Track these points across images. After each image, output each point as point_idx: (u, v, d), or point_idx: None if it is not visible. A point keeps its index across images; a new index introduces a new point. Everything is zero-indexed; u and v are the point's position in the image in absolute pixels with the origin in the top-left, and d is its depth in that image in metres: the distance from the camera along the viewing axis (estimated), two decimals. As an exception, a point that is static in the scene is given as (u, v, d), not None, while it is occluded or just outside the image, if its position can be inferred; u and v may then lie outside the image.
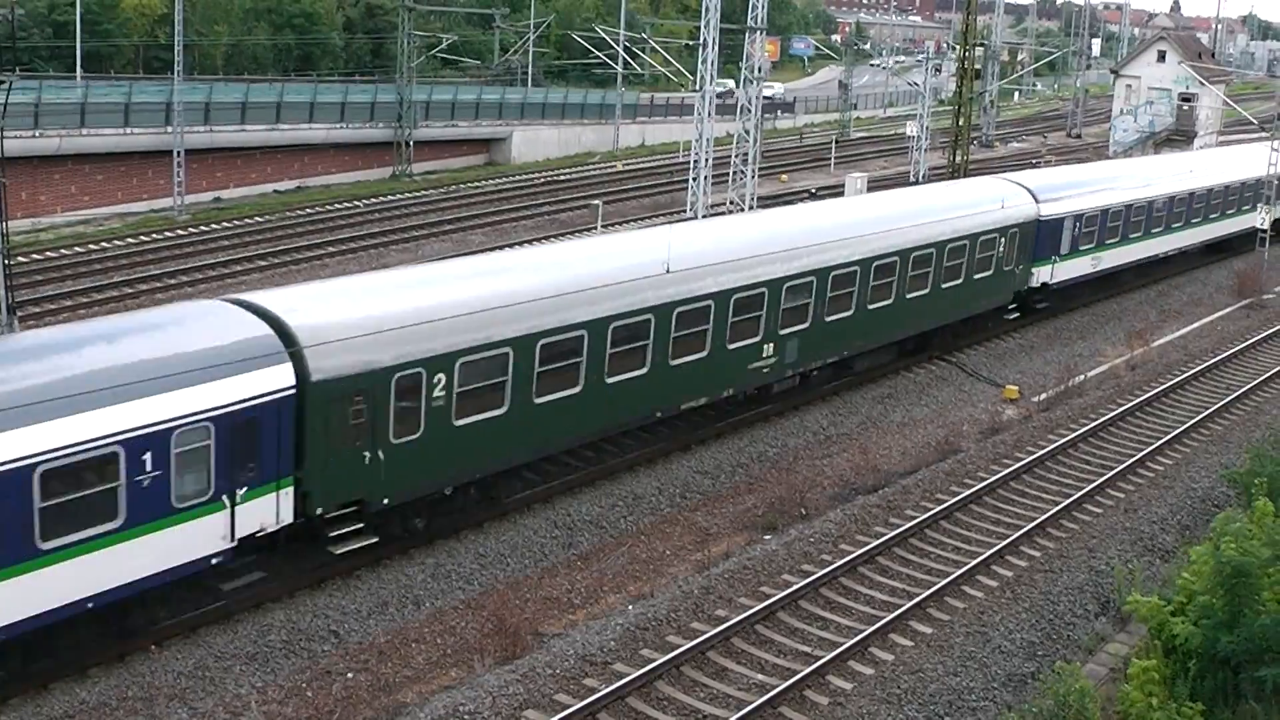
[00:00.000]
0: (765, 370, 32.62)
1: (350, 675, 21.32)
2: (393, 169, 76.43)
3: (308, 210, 63.44)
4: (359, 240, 56.03)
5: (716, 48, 55.18)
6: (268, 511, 21.99)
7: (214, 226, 58.26)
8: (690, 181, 56.44)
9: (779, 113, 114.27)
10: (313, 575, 23.78)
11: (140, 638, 21.12)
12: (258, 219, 60.66)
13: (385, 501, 24.07)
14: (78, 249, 52.53)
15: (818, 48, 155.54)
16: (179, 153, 59.86)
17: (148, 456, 19.83)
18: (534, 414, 26.34)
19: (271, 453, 21.76)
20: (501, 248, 53.04)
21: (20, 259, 49.22)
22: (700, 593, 23.87)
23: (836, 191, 67.49)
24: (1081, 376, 39.24)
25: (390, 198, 67.83)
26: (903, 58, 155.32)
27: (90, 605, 19.68)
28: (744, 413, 33.28)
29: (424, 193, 70.09)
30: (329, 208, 64.43)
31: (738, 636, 22.30)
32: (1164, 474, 31.38)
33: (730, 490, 30.01)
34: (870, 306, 35.69)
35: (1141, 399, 36.56)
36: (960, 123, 70.59)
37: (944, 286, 38.70)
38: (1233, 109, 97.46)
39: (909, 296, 37.24)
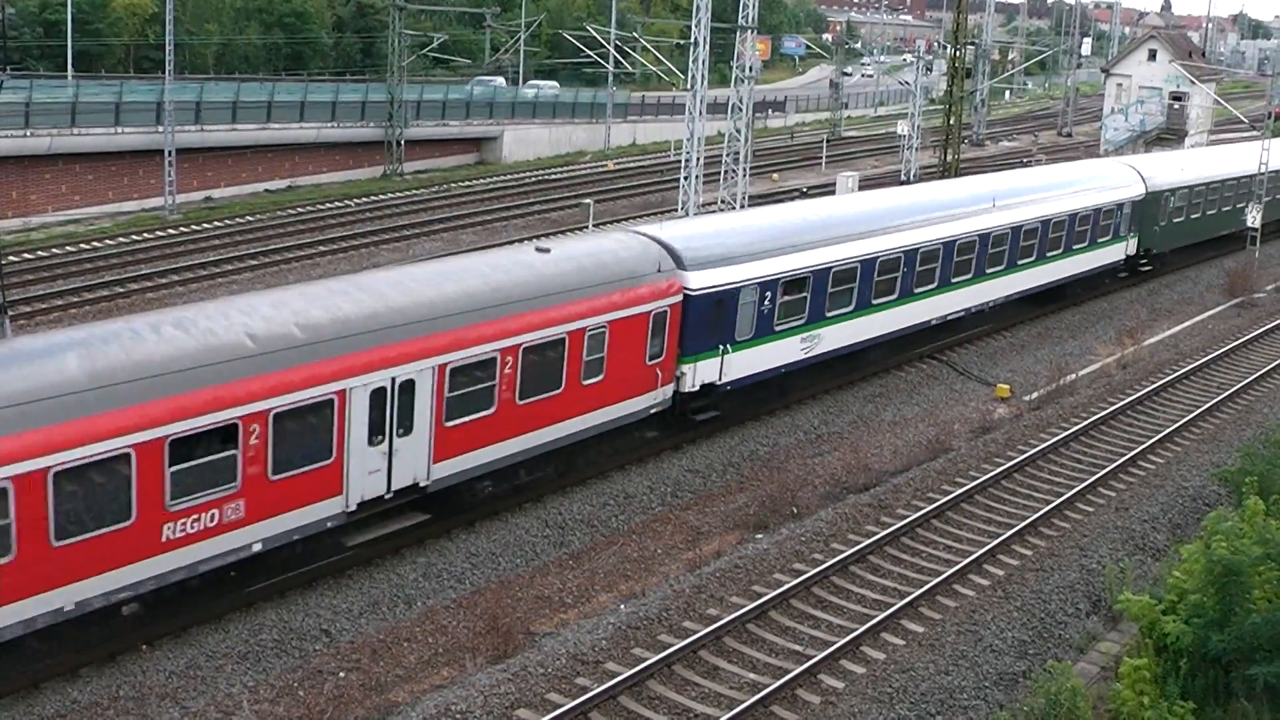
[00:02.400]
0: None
1: (342, 674, 21.31)
2: (384, 168, 76.37)
3: (299, 210, 63.39)
4: (350, 240, 55.99)
5: (707, 47, 55.13)
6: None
7: (205, 226, 58.19)
8: (681, 180, 56.39)
9: (770, 112, 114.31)
10: (314, 571, 23.79)
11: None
12: (249, 218, 60.61)
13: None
14: (68, 248, 52.45)
15: (809, 47, 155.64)
16: (170, 152, 59.78)
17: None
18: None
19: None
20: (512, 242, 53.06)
21: (10, 258, 49.24)
22: (692, 591, 23.88)
23: (828, 190, 67.48)
24: (1072, 375, 39.30)
25: (381, 197, 67.80)
26: (877, 58, 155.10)
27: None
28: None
29: (415, 192, 70.06)
30: (320, 207, 64.39)
31: (729, 635, 22.32)
32: (1155, 473, 31.43)
33: (722, 489, 30.03)
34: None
35: (1132, 398, 36.61)
36: (951, 121, 70.67)
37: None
38: (1223, 108, 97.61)
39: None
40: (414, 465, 24.61)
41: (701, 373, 31.16)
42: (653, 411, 30.12)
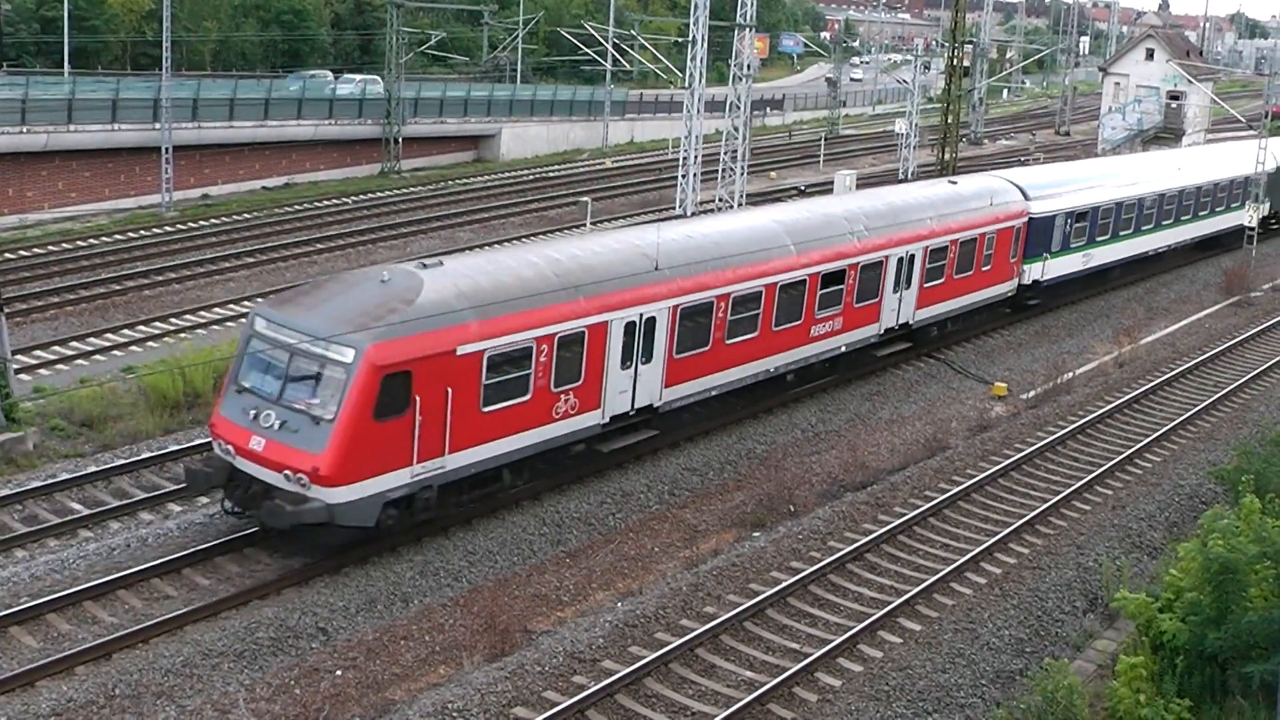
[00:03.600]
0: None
1: (339, 673, 21.28)
2: (381, 166, 76.33)
3: (296, 207, 63.33)
4: (348, 237, 55.95)
5: (705, 45, 55.14)
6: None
7: (202, 223, 58.13)
8: (679, 178, 56.38)
9: (768, 110, 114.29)
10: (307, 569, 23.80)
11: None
12: (246, 216, 60.54)
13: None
14: (65, 246, 52.36)
15: (807, 45, 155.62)
16: (167, 149, 59.69)
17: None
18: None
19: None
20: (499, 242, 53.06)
21: (7, 256, 49.22)
22: (689, 590, 23.88)
23: (826, 189, 67.42)
24: (1069, 374, 39.31)
25: (379, 194, 67.75)
26: (875, 56, 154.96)
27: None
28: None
29: (412, 189, 70.03)
30: (317, 204, 64.36)
31: (726, 633, 22.33)
32: (1152, 471, 31.46)
33: (719, 487, 30.01)
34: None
35: (1129, 396, 36.64)
36: (949, 120, 70.66)
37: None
38: (1220, 107, 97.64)
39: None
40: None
41: (1032, 272, 44.63)
42: (1007, 295, 43.84)
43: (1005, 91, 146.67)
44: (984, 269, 41.50)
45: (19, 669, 20.20)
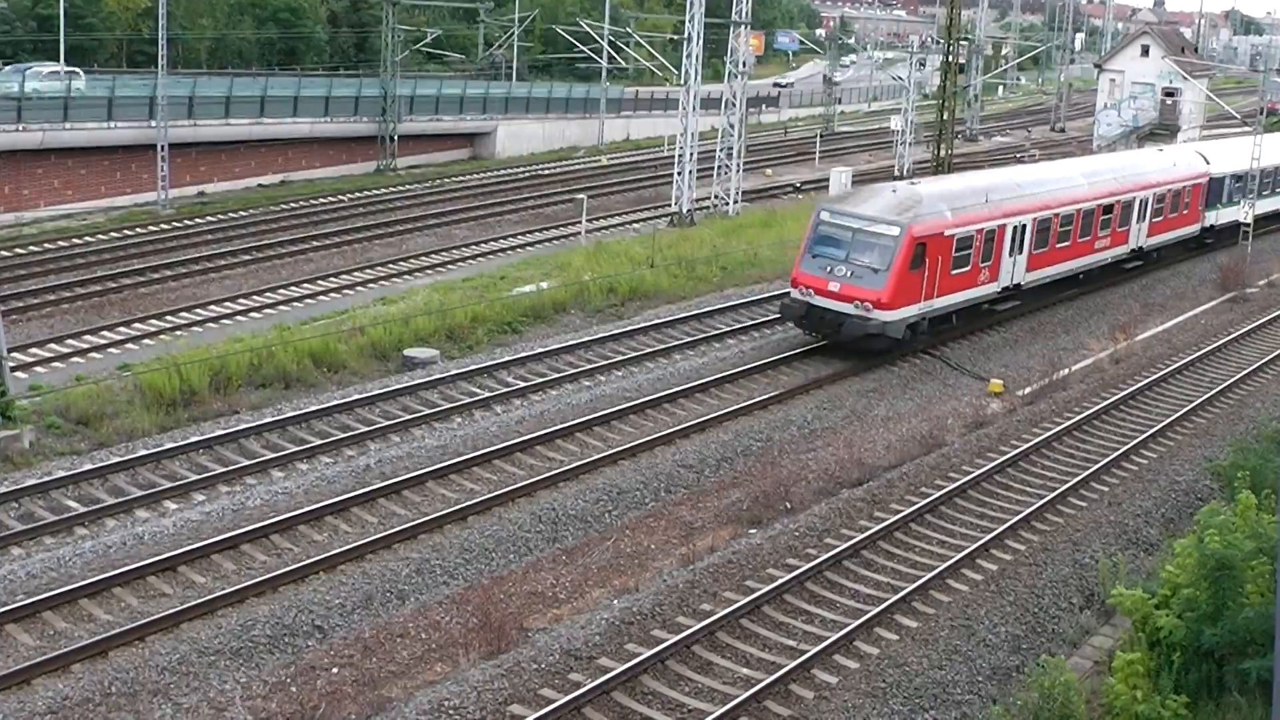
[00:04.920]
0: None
1: (335, 670, 21.28)
2: (377, 163, 76.31)
3: (292, 205, 63.36)
4: (343, 235, 55.96)
5: (701, 42, 55.18)
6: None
7: (198, 221, 58.14)
8: (675, 176, 56.42)
9: (764, 107, 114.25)
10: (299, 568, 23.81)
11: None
12: (242, 213, 60.53)
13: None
14: (61, 244, 52.36)
15: (802, 42, 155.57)
16: (163, 147, 59.73)
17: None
18: None
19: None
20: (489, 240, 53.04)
21: (3, 254, 49.21)
22: (685, 587, 23.87)
23: (822, 186, 67.50)
24: (1065, 370, 39.29)
25: (374, 192, 67.74)
26: (853, 55, 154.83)
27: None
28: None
29: (408, 187, 70.02)
30: (313, 202, 64.38)
31: (723, 630, 22.31)
32: (1148, 467, 31.47)
33: (714, 484, 29.97)
34: None
35: (1125, 392, 36.64)
36: (944, 117, 70.65)
37: None
38: (1216, 104, 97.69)
39: None
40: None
41: (1207, 218, 57.50)
42: (1184, 238, 56.29)
43: (1000, 88, 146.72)
44: (1184, 213, 55.14)
45: (15, 667, 20.19)
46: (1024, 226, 42.43)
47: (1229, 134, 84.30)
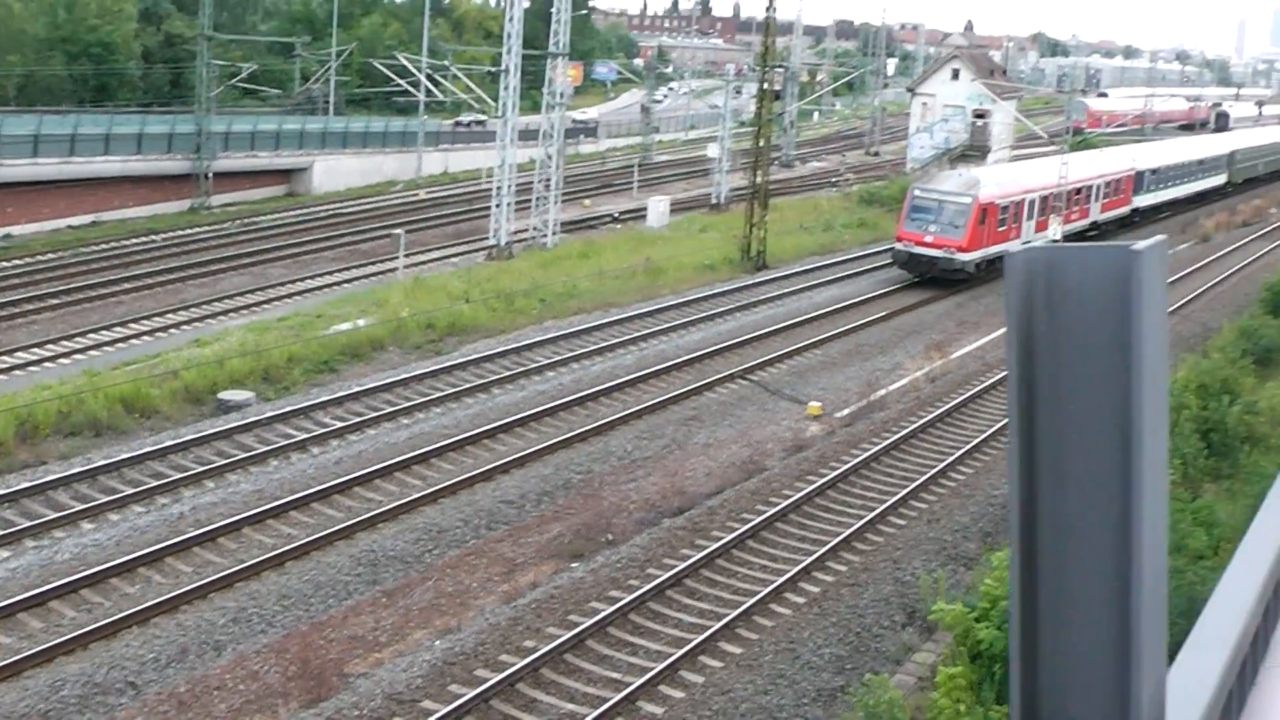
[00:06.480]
0: None
1: (147, 727, 20.63)
2: (191, 202, 74.70)
3: (103, 246, 61.57)
4: (156, 275, 54.58)
5: (519, 74, 55.10)
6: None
7: (2, 265, 56.32)
8: (493, 208, 56.20)
9: (581, 137, 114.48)
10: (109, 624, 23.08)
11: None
12: (50, 256, 58.70)
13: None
14: None
15: (620, 72, 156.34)
16: (-36, 190, 57.83)
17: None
18: None
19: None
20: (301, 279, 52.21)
21: None
22: (508, 624, 23.65)
23: (640, 215, 67.71)
24: (883, 390, 39.90)
25: (188, 231, 66.30)
26: (669, 85, 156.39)
27: None
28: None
29: (223, 225, 68.66)
30: (125, 243, 62.62)
31: (547, 667, 22.13)
32: (965, 483, 32.04)
33: (536, 519, 29.72)
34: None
35: (941, 410, 37.32)
36: (760, 144, 71.38)
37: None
38: (1024, 124, 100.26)
39: None
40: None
41: (1135, 201, 73.39)
42: (1121, 216, 72.14)
43: (816, 114, 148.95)
44: (1121, 197, 71.72)
45: None
46: (1034, 201, 59.56)
47: (1036, 154, 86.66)
